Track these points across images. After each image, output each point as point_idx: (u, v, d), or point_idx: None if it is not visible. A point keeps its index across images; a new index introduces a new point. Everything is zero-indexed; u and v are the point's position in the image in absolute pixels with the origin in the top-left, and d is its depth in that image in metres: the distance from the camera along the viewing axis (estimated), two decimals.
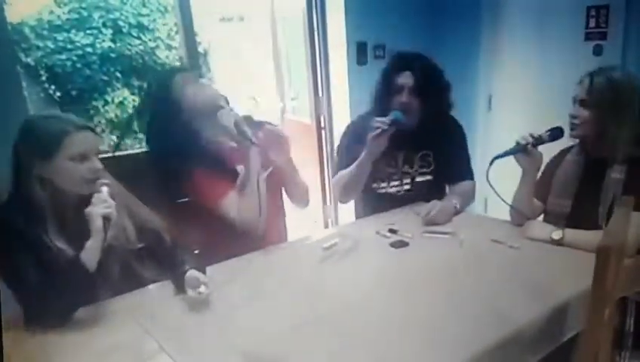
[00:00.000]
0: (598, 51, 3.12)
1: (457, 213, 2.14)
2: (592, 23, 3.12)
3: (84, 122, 1.54)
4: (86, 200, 1.43)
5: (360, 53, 3.66)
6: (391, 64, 2.23)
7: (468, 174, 2.28)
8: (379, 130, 2.04)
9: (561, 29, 3.26)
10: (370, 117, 2.19)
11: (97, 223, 1.38)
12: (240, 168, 1.90)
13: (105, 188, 1.46)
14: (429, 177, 2.27)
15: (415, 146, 2.25)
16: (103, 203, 1.41)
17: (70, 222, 1.44)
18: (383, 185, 2.26)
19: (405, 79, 2.13)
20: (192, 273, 1.51)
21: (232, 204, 1.84)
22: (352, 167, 2.17)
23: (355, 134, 2.24)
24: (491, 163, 1.85)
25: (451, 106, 2.26)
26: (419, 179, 2.27)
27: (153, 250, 1.67)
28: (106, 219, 1.40)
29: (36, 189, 1.46)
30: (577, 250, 1.68)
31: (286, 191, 2.06)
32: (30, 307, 1.40)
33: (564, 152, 1.94)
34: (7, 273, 1.41)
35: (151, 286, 1.62)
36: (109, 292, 1.54)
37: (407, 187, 2.28)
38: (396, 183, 2.27)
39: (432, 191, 2.25)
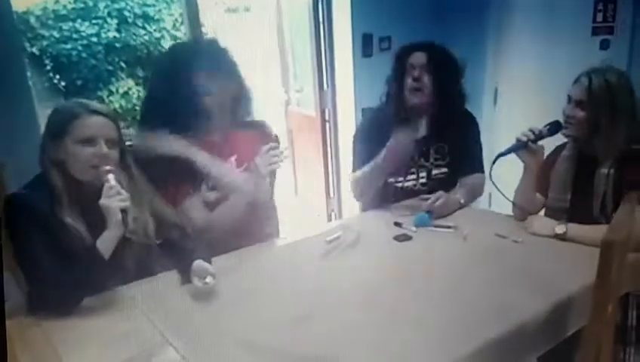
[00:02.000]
0: (605, 46, 3.10)
1: (462, 207, 2.14)
2: (600, 18, 3.10)
3: (98, 107, 1.54)
4: (101, 190, 1.43)
5: (365, 45, 3.64)
6: (403, 48, 2.23)
7: (478, 167, 2.27)
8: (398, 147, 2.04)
9: (568, 23, 3.24)
10: (384, 110, 2.21)
11: (116, 217, 1.39)
12: (216, 168, 1.87)
13: (111, 176, 1.45)
14: (444, 170, 2.25)
15: (430, 138, 2.23)
16: (118, 195, 1.41)
17: (89, 208, 1.44)
18: (400, 178, 2.24)
19: (417, 59, 2.14)
20: (199, 263, 1.51)
21: (194, 209, 1.82)
22: (366, 169, 2.16)
23: (371, 130, 2.24)
24: (494, 161, 1.86)
25: (463, 93, 2.26)
26: (435, 171, 2.25)
27: (169, 243, 1.66)
28: (124, 211, 1.40)
29: (51, 172, 1.48)
30: (581, 244, 1.68)
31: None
32: (38, 290, 1.41)
33: (559, 148, 1.95)
34: (21, 251, 1.42)
35: (158, 276, 1.62)
36: (119, 282, 1.54)
37: (422, 180, 2.26)
38: (413, 177, 2.25)
39: (447, 186, 2.23)
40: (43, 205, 1.43)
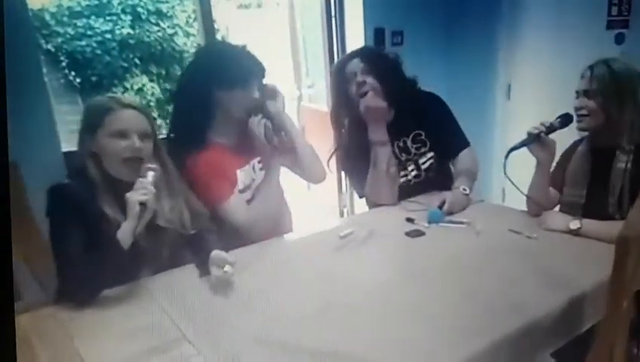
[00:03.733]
0: (620, 40, 3.06)
1: (468, 196, 2.12)
2: (614, 11, 3.07)
3: (131, 100, 1.58)
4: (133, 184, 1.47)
5: (377, 39, 3.63)
6: (337, 64, 2.28)
7: (463, 143, 2.26)
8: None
9: (582, 17, 3.21)
10: (351, 130, 2.23)
11: (134, 210, 1.41)
12: (242, 172, 1.94)
13: (151, 173, 1.48)
14: (430, 154, 2.25)
15: (402, 132, 2.23)
16: (142, 189, 1.44)
17: (123, 199, 1.46)
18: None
19: (354, 66, 2.15)
20: (217, 252, 1.53)
21: (238, 208, 1.86)
22: (371, 170, 2.16)
23: (351, 154, 2.25)
24: (507, 155, 1.84)
25: (413, 80, 2.26)
26: (422, 160, 2.25)
27: (197, 235, 1.68)
28: (143, 205, 1.42)
29: (88, 164, 1.52)
30: (596, 240, 1.67)
31: (300, 170, 2.06)
32: (68, 277, 1.44)
33: (576, 143, 1.93)
34: (59, 239, 1.46)
35: (175, 270, 1.64)
36: (146, 272, 1.58)
37: (414, 173, 2.26)
38: (403, 173, 2.25)
39: (439, 173, 2.25)
40: (85, 195, 1.47)
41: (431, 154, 2.25)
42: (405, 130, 2.23)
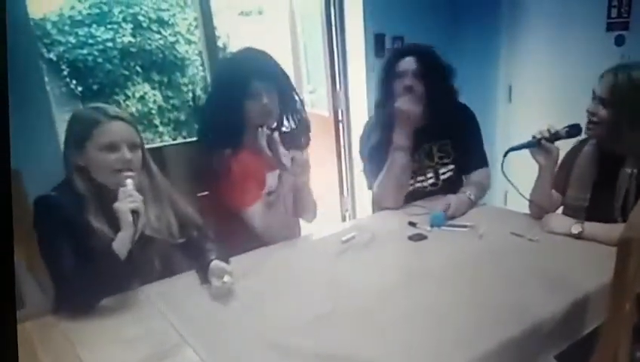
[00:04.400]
0: (620, 42, 3.06)
1: (473, 203, 2.13)
2: (614, 13, 3.07)
3: (117, 112, 1.57)
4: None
5: (378, 45, 3.64)
6: (393, 53, 2.26)
7: (483, 162, 2.26)
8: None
9: (582, 20, 3.21)
10: (382, 120, 2.21)
11: (127, 218, 1.41)
12: (270, 176, 1.97)
13: (129, 181, 1.48)
14: (451, 167, 2.25)
15: (431, 138, 2.23)
16: (129, 197, 1.43)
17: (111, 211, 1.45)
18: (410, 182, 2.24)
19: (408, 64, 2.13)
20: (216, 263, 1.54)
21: (258, 214, 1.89)
22: (381, 178, 2.16)
23: (376, 145, 2.23)
24: (505, 155, 1.85)
25: (457, 91, 2.24)
26: (442, 170, 2.25)
27: (190, 243, 1.69)
28: (135, 212, 1.42)
29: (75, 177, 1.51)
30: (598, 243, 1.66)
31: (295, 206, 2.06)
32: (63, 289, 1.45)
33: (582, 143, 1.90)
34: (47, 252, 1.46)
35: (176, 277, 1.64)
36: (143, 280, 1.57)
37: (431, 181, 2.26)
38: (421, 178, 2.26)
39: (455, 185, 2.24)
40: (70, 207, 1.47)
41: (452, 166, 2.26)
42: (435, 136, 2.23)
